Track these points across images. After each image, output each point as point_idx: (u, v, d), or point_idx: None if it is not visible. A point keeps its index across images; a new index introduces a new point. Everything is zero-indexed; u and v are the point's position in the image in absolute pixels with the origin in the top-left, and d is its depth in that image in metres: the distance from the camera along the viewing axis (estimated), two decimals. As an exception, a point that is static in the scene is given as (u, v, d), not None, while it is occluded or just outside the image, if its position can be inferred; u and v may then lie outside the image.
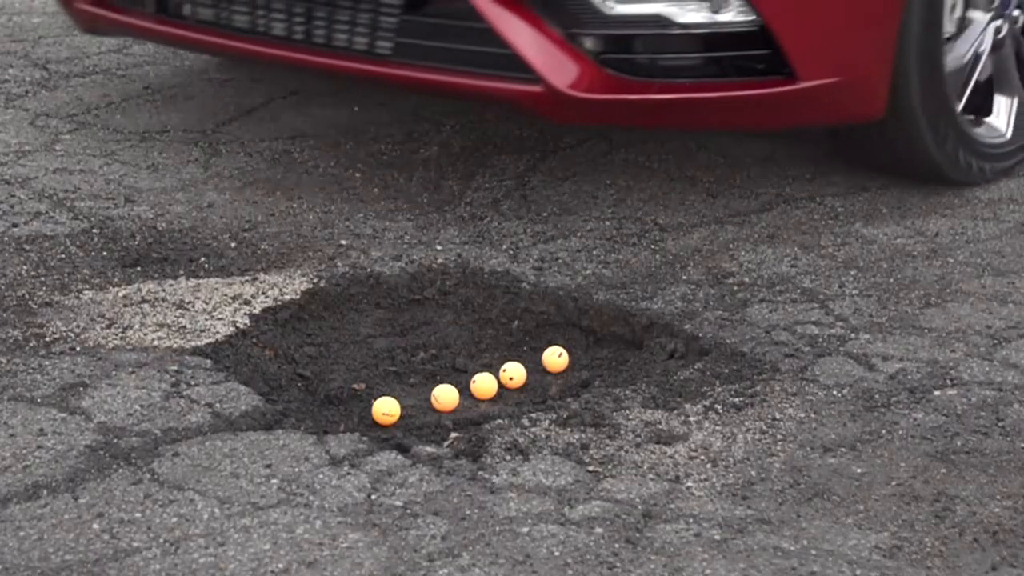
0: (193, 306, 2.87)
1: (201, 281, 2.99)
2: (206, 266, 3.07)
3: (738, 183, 3.58)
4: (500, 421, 2.48)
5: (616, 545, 2.13)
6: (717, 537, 2.16)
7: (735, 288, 3.00)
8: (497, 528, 2.17)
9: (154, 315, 2.84)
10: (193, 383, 2.58)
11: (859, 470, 2.35)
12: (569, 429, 2.45)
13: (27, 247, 3.14)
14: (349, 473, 2.31)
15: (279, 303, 2.89)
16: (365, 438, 2.42)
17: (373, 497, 2.25)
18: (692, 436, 2.44)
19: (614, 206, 3.43)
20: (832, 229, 3.32)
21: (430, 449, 2.39)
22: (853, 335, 2.80)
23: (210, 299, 2.90)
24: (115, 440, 2.39)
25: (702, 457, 2.38)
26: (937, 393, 2.59)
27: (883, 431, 2.47)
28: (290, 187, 3.53)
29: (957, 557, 2.14)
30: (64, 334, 2.75)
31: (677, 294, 2.96)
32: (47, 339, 2.73)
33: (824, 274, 3.08)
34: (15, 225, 3.26)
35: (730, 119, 3.30)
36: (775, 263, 3.13)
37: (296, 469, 2.32)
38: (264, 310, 2.86)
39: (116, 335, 2.75)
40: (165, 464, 2.33)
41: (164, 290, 2.94)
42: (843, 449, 2.41)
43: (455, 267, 3.07)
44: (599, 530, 2.17)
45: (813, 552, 2.13)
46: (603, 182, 3.57)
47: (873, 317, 2.88)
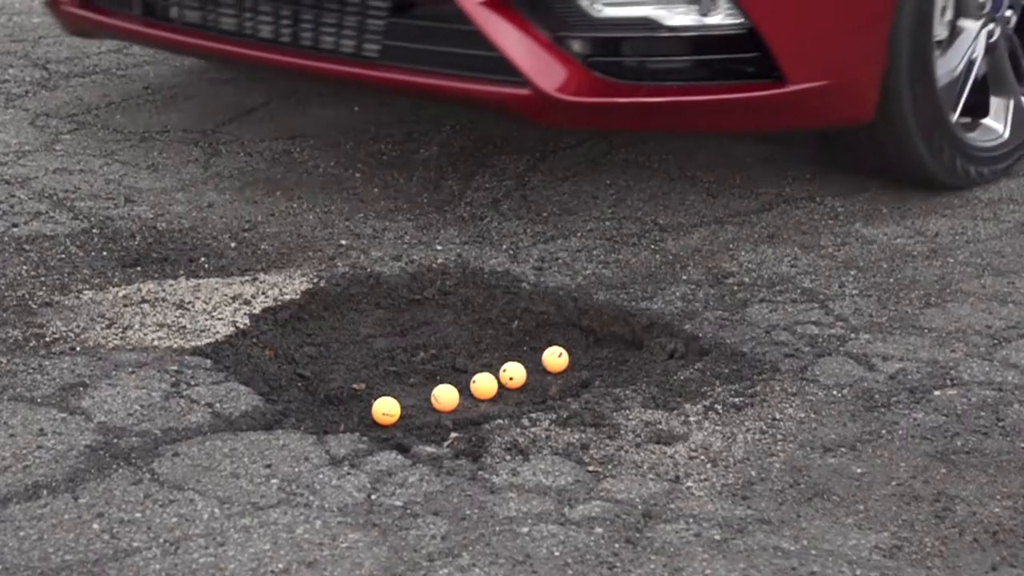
0: (193, 306, 2.87)
1: (201, 281, 2.99)
2: (206, 266, 3.07)
3: (738, 183, 3.58)
4: (500, 421, 2.48)
5: (616, 545, 2.13)
6: (717, 537, 2.16)
7: (735, 288, 3.00)
8: (497, 528, 2.17)
9: (154, 315, 2.84)
10: (193, 383, 2.58)
11: (859, 470, 2.35)
12: (569, 429, 2.45)
13: (27, 247, 3.14)
14: (349, 473, 2.31)
15: (279, 303, 2.89)
16: (365, 438, 2.42)
17: (373, 497, 2.25)
18: (692, 436, 2.44)
19: (614, 206, 3.43)
20: (832, 229, 3.32)
21: (430, 449, 2.39)
22: (853, 335, 2.80)
23: (210, 299, 2.90)
24: (115, 440, 2.39)
25: (702, 457, 2.38)
26: (937, 393, 2.59)
27: (883, 431, 2.47)
28: (290, 187, 3.53)
29: (957, 557, 2.13)
30: (64, 334, 2.75)
31: (677, 294, 2.96)
32: (47, 339, 2.73)
33: (824, 274, 3.08)
34: (15, 225, 3.26)
35: (719, 122, 3.29)
36: (775, 263, 3.13)
37: (296, 469, 2.32)
38: (264, 310, 2.86)
39: (116, 335, 2.75)
40: (165, 464, 2.32)
41: (164, 290, 2.94)
42: (843, 449, 2.41)
43: (455, 267, 3.07)
44: (599, 530, 2.17)
45: (813, 552, 2.13)
46: (603, 182, 3.57)
47: (873, 317, 2.88)
